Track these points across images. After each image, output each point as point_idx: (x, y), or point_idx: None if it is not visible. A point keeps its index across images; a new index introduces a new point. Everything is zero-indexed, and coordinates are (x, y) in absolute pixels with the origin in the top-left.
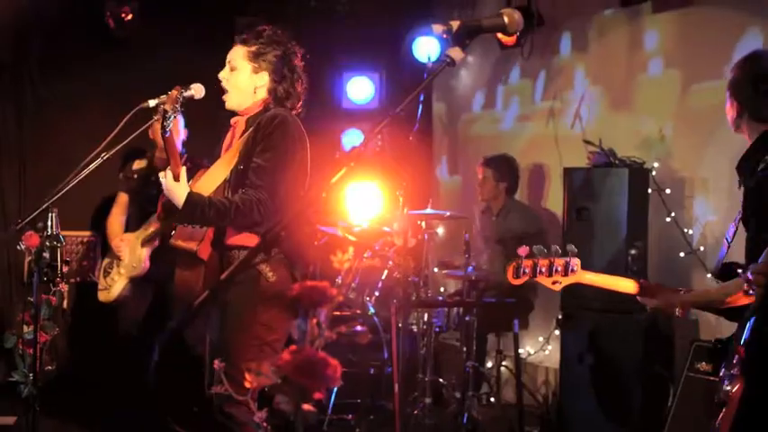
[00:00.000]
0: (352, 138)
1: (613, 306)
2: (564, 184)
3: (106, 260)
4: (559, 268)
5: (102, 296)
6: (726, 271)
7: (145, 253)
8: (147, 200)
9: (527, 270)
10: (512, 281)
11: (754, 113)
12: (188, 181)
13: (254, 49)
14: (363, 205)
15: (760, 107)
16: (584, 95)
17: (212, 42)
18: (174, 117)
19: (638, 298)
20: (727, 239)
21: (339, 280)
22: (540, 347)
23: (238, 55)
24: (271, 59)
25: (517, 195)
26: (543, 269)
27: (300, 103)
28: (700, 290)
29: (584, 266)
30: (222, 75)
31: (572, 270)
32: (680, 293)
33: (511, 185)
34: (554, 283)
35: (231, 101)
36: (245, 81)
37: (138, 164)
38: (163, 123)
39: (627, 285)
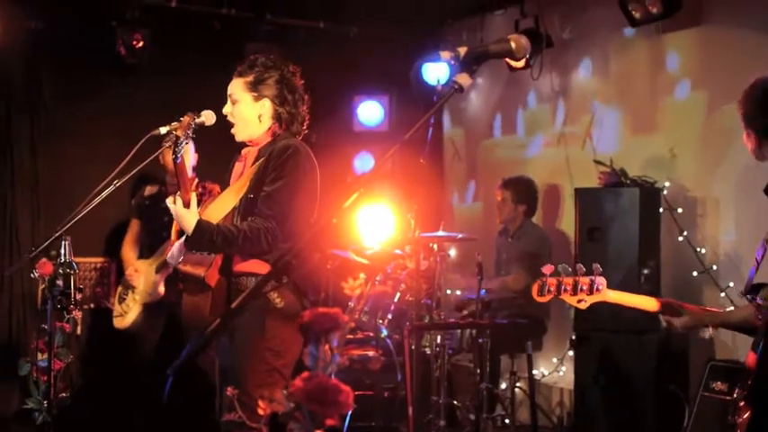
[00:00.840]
0: (363, 161)
1: (627, 326)
2: (575, 204)
3: (120, 287)
4: (584, 287)
5: (118, 322)
6: (756, 291)
7: (159, 279)
8: (160, 226)
9: (551, 288)
10: (536, 298)
11: None
12: (198, 207)
13: (250, 78)
14: (375, 228)
15: None
16: (595, 116)
17: (223, 68)
18: (186, 143)
19: (660, 317)
20: (756, 259)
21: (351, 304)
22: (555, 368)
23: (237, 87)
24: (269, 85)
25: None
26: (568, 287)
27: (306, 122)
28: (729, 310)
29: None
30: (226, 110)
31: (597, 289)
32: (708, 312)
33: (530, 208)
34: (579, 301)
35: (239, 133)
36: (247, 111)
37: (150, 190)
38: (174, 149)
39: (649, 303)
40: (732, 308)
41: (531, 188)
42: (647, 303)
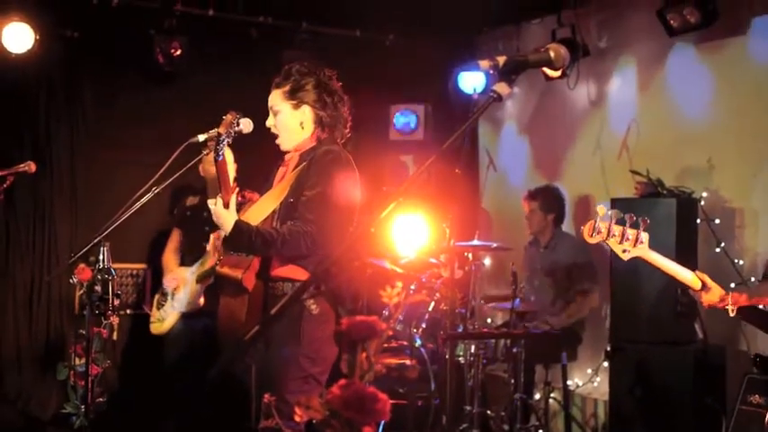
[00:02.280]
0: (399, 169)
1: (662, 337)
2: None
3: (159, 293)
4: (630, 237)
5: (155, 328)
6: None
7: (200, 290)
8: (200, 236)
9: (602, 230)
10: (587, 239)
11: None
12: (238, 210)
13: (288, 87)
14: (410, 237)
15: None
16: (631, 125)
17: (260, 76)
18: (228, 141)
19: (691, 292)
20: None
21: (386, 312)
22: (589, 379)
23: (277, 98)
24: (307, 91)
25: (564, 227)
26: (616, 234)
27: (349, 125)
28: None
29: (632, 297)
30: (269, 122)
31: (641, 242)
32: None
33: (558, 216)
34: (624, 251)
35: (284, 143)
36: (289, 120)
37: (191, 200)
38: (216, 147)
39: (687, 276)
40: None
41: (558, 196)
42: (686, 276)
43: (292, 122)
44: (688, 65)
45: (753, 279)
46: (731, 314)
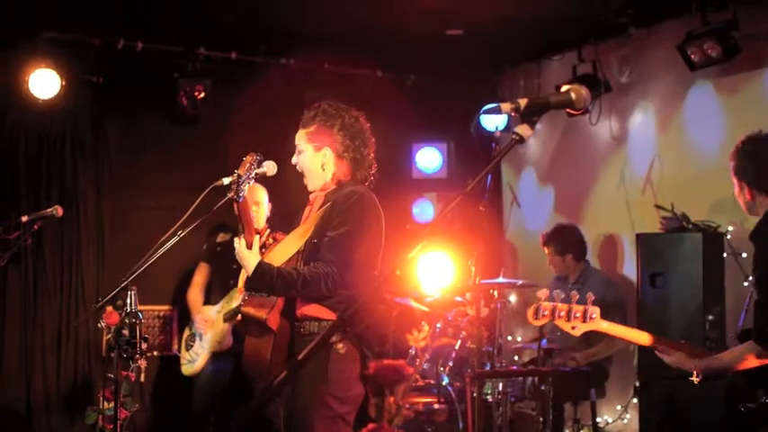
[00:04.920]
0: (422, 208)
1: (692, 372)
2: (637, 250)
3: (186, 332)
4: (578, 314)
5: (186, 369)
6: (746, 337)
7: (227, 329)
8: (228, 273)
9: (546, 312)
10: (532, 321)
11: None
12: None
13: (312, 129)
14: (435, 275)
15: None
16: (655, 160)
17: (283, 117)
18: (249, 183)
19: (656, 352)
20: (745, 305)
21: (412, 351)
22: (619, 416)
23: (301, 138)
24: (329, 134)
25: (592, 263)
26: (562, 313)
27: (374, 166)
28: (713, 355)
29: (661, 333)
30: (293, 160)
31: (591, 317)
32: (695, 357)
33: (577, 253)
34: (573, 327)
35: (309, 183)
36: (310, 161)
37: (223, 237)
38: (236, 189)
39: (641, 337)
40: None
41: (569, 233)
42: (639, 337)
43: (314, 164)
44: (709, 98)
45: None
46: (695, 381)
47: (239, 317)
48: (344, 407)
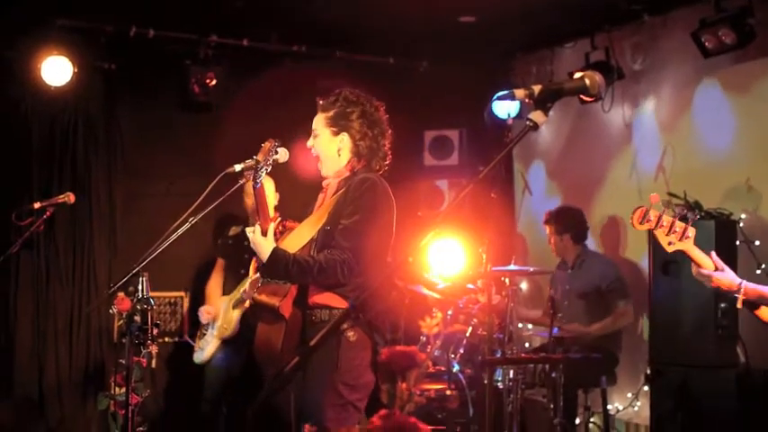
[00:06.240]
0: (434, 195)
1: (703, 361)
2: (649, 238)
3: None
4: (678, 230)
5: (196, 357)
6: None
7: (236, 315)
8: (240, 263)
9: (652, 218)
10: (635, 225)
11: None
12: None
13: (331, 113)
14: (447, 263)
15: None
16: (667, 147)
17: (295, 106)
18: (267, 168)
19: (704, 272)
20: None
21: (423, 338)
22: (629, 403)
23: (319, 122)
24: (348, 120)
25: (601, 251)
26: (665, 224)
27: (389, 158)
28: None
29: (673, 321)
30: (309, 143)
31: (686, 236)
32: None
33: (576, 234)
34: (669, 243)
35: (323, 167)
36: (326, 145)
37: (234, 230)
38: (254, 175)
39: (706, 261)
40: None
41: (571, 214)
42: (706, 261)
43: (329, 148)
44: (723, 85)
45: None
46: (738, 305)
47: (247, 303)
48: (355, 394)
